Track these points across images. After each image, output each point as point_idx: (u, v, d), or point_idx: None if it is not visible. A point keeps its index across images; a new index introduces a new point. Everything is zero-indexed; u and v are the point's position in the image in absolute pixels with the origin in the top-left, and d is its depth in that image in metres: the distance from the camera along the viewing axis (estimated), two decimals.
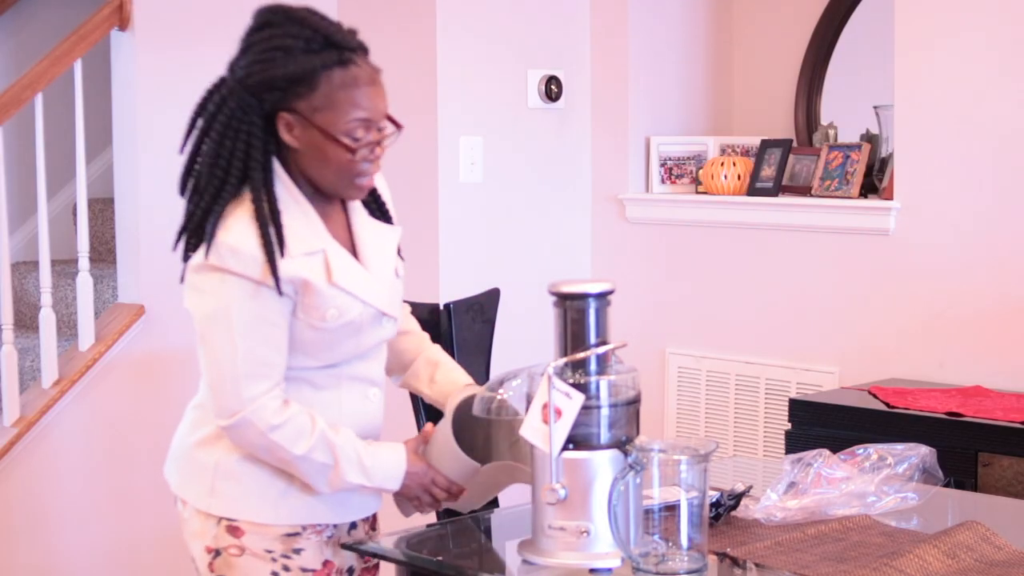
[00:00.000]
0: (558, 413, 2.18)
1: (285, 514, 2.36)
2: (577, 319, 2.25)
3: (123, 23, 4.22)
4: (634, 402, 2.25)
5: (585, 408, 2.19)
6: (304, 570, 2.37)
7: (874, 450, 2.58)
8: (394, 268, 2.46)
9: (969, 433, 3.39)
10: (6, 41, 5.31)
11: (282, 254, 2.27)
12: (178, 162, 4.48)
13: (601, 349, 2.24)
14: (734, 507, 2.43)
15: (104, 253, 5.07)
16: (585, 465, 2.19)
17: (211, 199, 2.34)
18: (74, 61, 4.16)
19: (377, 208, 2.49)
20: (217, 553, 2.36)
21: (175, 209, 4.27)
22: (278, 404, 2.29)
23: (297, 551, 2.37)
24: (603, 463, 2.20)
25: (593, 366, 2.23)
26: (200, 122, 2.37)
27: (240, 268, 2.26)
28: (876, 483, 2.51)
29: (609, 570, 2.18)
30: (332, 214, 2.39)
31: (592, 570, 2.19)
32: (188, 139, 2.42)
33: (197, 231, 2.38)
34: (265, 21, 2.31)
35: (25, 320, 4.73)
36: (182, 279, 2.42)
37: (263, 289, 2.27)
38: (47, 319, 4.13)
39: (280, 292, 2.26)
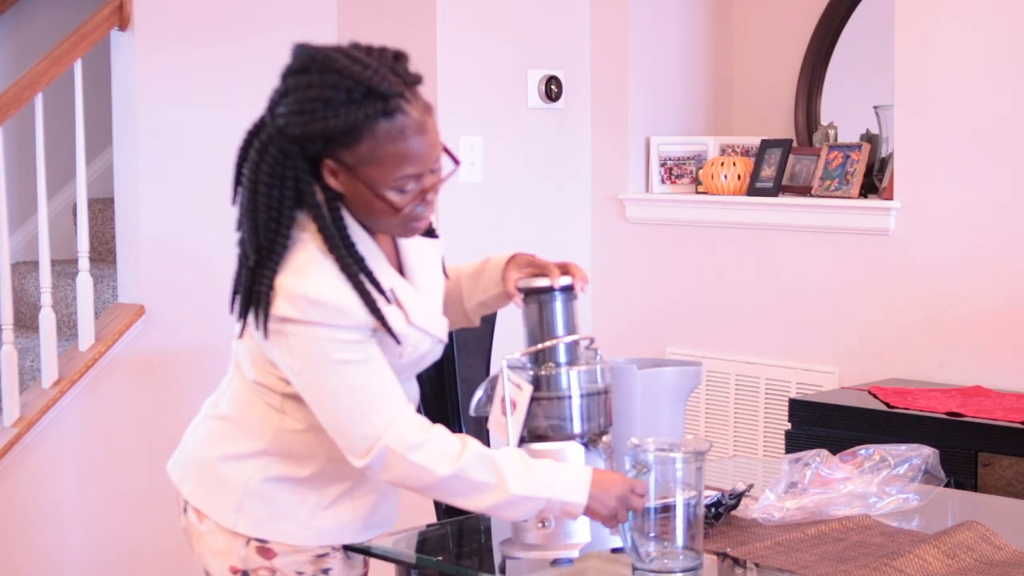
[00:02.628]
0: (513, 405, 2.20)
1: (314, 535, 2.31)
2: (540, 313, 2.27)
3: (123, 23, 4.22)
4: (600, 394, 2.25)
5: (547, 400, 2.21)
6: None
7: (876, 450, 2.58)
8: (440, 289, 2.38)
9: (969, 433, 3.39)
10: (6, 41, 5.31)
11: (368, 303, 2.16)
12: (178, 162, 4.51)
13: (552, 342, 2.24)
14: (735, 506, 2.43)
15: (104, 253, 5.07)
16: (543, 456, 2.20)
17: (269, 247, 2.17)
18: (74, 61, 4.16)
19: None
20: (244, 574, 2.31)
21: (175, 209, 4.32)
22: (415, 423, 2.18)
23: (326, 571, 2.33)
24: (562, 454, 2.21)
25: (562, 358, 2.24)
26: (246, 171, 2.19)
27: (320, 317, 2.14)
28: (877, 484, 2.51)
29: (570, 561, 2.20)
30: (380, 237, 2.29)
31: (553, 561, 2.21)
32: (236, 191, 2.23)
33: (257, 281, 2.18)
34: (303, 66, 2.14)
35: (25, 320, 4.73)
36: (262, 329, 2.22)
37: (353, 332, 2.17)
38: (47, 319, 4.13)
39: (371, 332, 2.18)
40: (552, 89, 4.55)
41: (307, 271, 2.15)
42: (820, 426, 3.65)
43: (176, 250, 4.30)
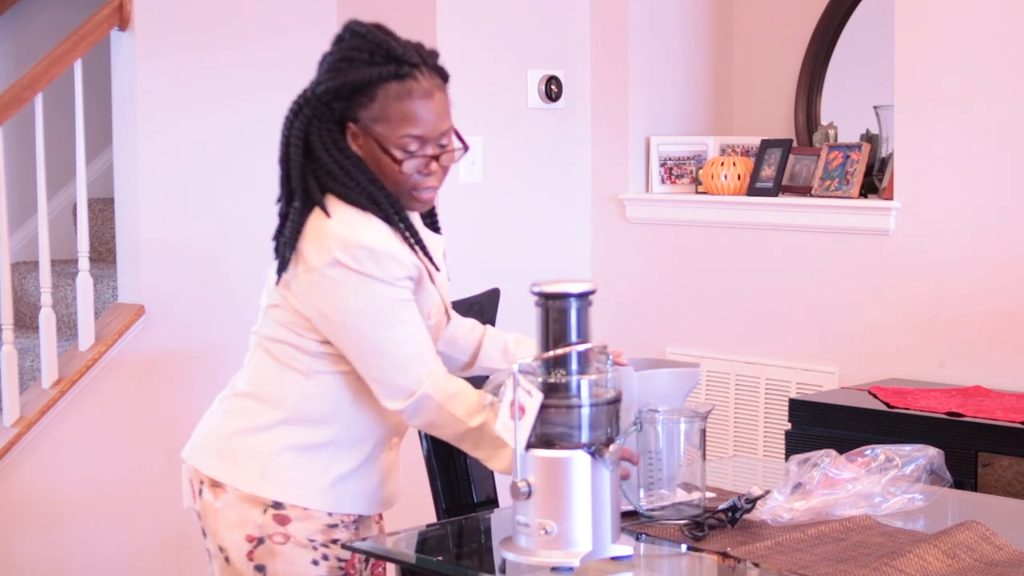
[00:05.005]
0: (522, 410, 2.20)
1: (330, 502, 2.44)
2: (557, 319, 2.26)
3: (123, 23, 4.22)
4: (611, 403, 2.26)
5: (556, 407, 2.21)
6: (340, 559, 2.45)
7: (882, 451, 2.58)
8: (447, 274, 2.57)
9: (969, 433, 3.39)
10: (6, 41, 5.31)
11: (413, 247, 2.38)
12: (178, 162, 4.50)
13: (564, 350, 2.24)
14: (749, 511, 2.43)
15: (104, 253, 5.07)
16: (551, 464, 2.21)
17: (303, 196, 2.39)
18: (74, 61, 4.16)
19: (428, 215, 2.57)
20: (260, 541, 2.42)
21: (175, 209, 4.32)
22: (447, 374, 2.41)
23: (335, 541, 2.45)
24: (570, 462, 2.21)
25: (573, 365, 2.24)
26: (284, 131, 2.44)
27: (378, 272, 2.33)
28: (883, 484, 2.51)
29: (570, 569, 2.20)
30: None
31: (553, 568, 2.21)
32: (280, 150, 2.46)
33: (294, 232, 2.39)
34: (339, 36, 2.41)
35: (25, 320, 4.74)
36: (278, 280, 2.42)
37: (402, 282, 2.36)
38: (47, 319, 4.13)
39: (414, 281, 2.38)
40: (552, 89, 4.55)
41: (354, 221, 2.35)
42: (820, 426, 3.65)
43: (176, 250, 4.30)
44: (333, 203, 2.37)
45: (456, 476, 2.86)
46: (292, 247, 2.38)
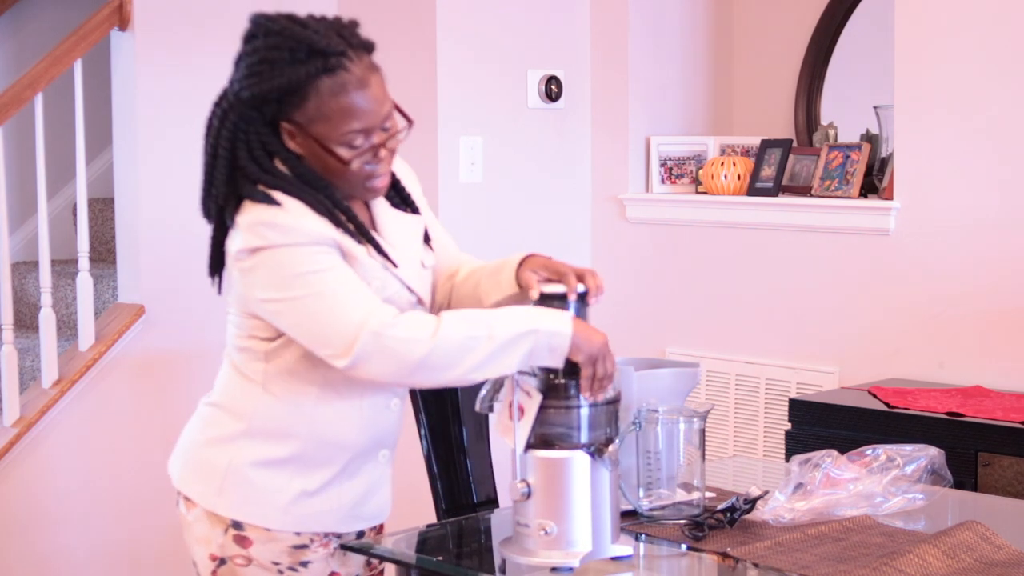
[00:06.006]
0: (521, 411, 2.20)
1: (292, 521, 2.32)
2: None
3: (123, 23, 4.22)
4: (611, 403, 2.25)
5: (555, 408, 2.21)
6: None
7: (883, 451, 2.58)
8: (420, 259, 2.41)
9: (969, 433, 3.39)
10: (6, 41, 5.31)
11: (311, 207, 2.23)
12: (178, 162, 4.50)
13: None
14: (749, 511, 2.43)
15: (104, 253, 5.07)
16: (551, 464, 2.21)
17: (223, 205, 2.27)
18: (74, 61, 4.16)
19: (400, 198, 2.43)
20: (222, 562, 2.33)
21: (175, 209, 4.32)
22: (390, 310, 2.21)
23: (304, 564, 2.33)
24: (570, 463, 2.21)
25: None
26: (209, 139, 2.30)
27: (283, 238, 2.20)
28: (884, 484, 2.51)
29: (570, 569, 2.20)
30: (353, 206, 2.33)
31: (553, 569, 2.21)
32: (204, 158, 2.33)
33: (220, 245, 2.31)
34: (251, 33, 2.26)
35: (25, 320, 4.74)
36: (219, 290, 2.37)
37: (314, 246, 2.21)
38: (47, 319, 4.13)
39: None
40: (552, 89, 4.54)
41: (258, 207, 2.22)
42: (820, 426, 3.65)
43: (176, 250, 4.30)
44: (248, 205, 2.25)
45: (456, 476, 2.86)
46: (220, 262, 2.32)
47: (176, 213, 4.31)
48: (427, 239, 2.46)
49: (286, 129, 2.24)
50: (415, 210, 2.44)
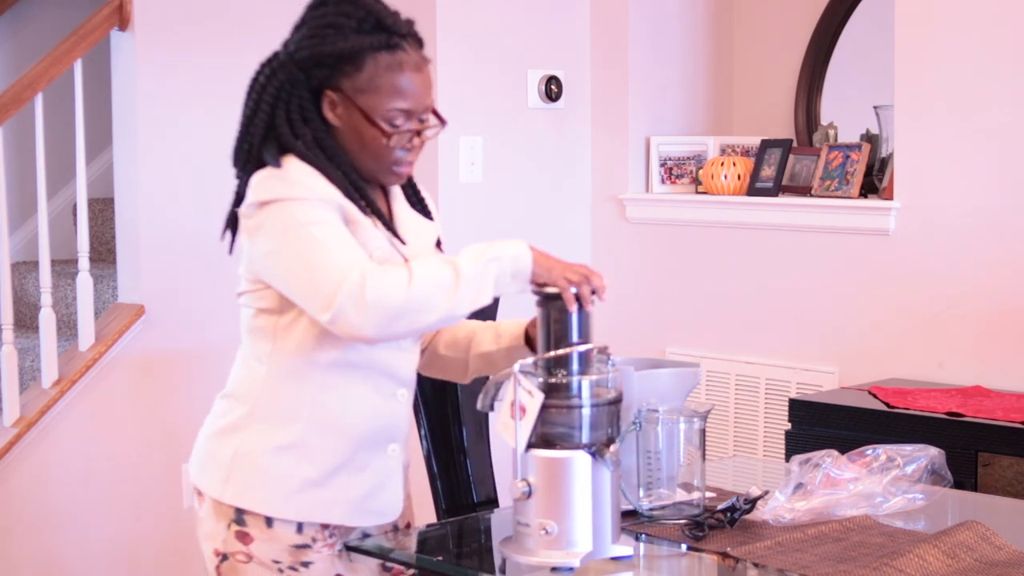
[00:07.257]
0: (522, 410, 2.20)
1: (295, 510, 2.31)
2: (558, 319, 2.27)
3: (123, 23, 4.22)
4: (612, 403, 2.26)
5: (557, 408, 2.21)
6: None
7: (883, 451, 2.58)
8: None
9: (969, 433, 3.39)
10: (6, 41, 5.31)
11: (327, 177, 2.28)
12: (178, 162, 4.50)
13: (565, 351, 2.25)
14: (749, 511, 2.43)
15: (104, 253, 5.07)
16: (551, 464, 2.21)
17: (256, 159, 2.33)
18: (74, 61, 4.16)
19: (416, 200, 2.48)
20: (224, 557, 2.34)
21: (175, 209, 4.32)
22: (373, 266, 2.22)
23: (306, 564, 2.33)
24: (571, 463, 2.21)
25: (574, 366, 2.24)
26: (253, 95, 2.35)
27: (289, 192, 2.25)
28: (884, 484, 2.51)
29: (570, 569, 2.20)
30: (373, 192, 2.38)
31: (553, 568, 2.21)
32: (243, 112, 2.38)
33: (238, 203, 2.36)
34: (322, 1, 2.32)
35: (25, 320, 4.74)
36: (231, 250, 2.41)
37: (319, 202, 2.25)
38: (47, 319, 4.13)
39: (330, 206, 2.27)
40: (552, 89, 4.55)
41: (276, 168, 2.28)
42: (820, 426, 3.65)
43: (176, 250, 4.30)
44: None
45: (456, 476, 2.87)
46: (234, 222, 2.37)
47: (176, 213, 4.32)
48: (438, 246, 2.50)
49: (329, 98, 2.30)
50: (428, 216, 2.49)
